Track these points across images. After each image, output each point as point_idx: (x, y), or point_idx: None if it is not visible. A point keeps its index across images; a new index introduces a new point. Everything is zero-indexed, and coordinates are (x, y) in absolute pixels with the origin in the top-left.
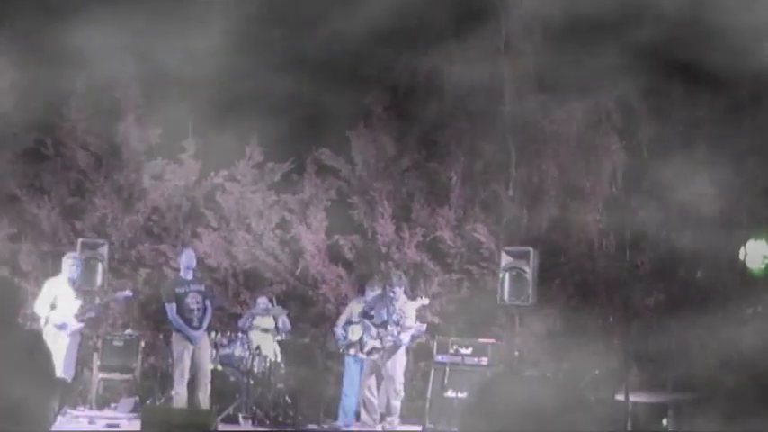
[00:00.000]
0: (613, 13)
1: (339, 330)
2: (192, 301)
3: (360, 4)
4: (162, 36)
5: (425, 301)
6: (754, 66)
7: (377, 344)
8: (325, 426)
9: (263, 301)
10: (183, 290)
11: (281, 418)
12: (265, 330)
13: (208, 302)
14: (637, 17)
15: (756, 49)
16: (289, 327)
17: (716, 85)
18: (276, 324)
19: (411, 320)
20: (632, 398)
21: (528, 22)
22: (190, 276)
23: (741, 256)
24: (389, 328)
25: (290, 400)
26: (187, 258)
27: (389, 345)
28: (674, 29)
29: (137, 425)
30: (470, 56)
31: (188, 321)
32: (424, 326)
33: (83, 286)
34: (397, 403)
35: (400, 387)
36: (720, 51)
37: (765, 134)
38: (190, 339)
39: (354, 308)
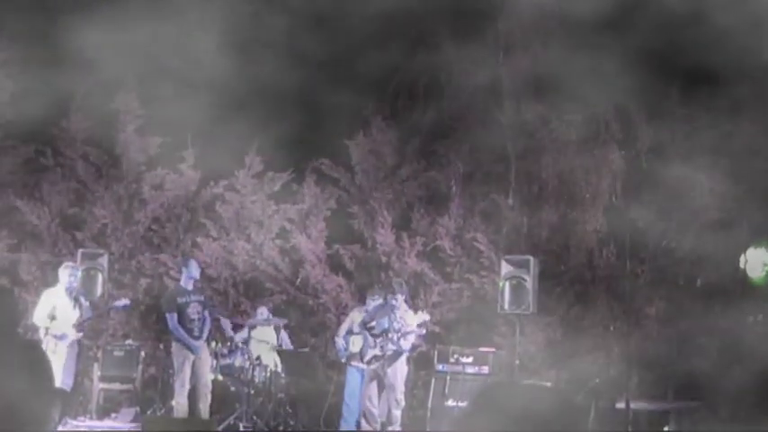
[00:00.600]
0: (612, 19)
1: (340, 341)
2: (193, 311)
3: (358, 13)
4: (161, 46)
5: (426, 316)
6: (753, 71)
7: (377, 352)
8: None
9: (262, 311)
10: (184, 300)
11: (281, 428)
12: (265, 342)
13: (206, 313)
14: (635, 22)
15: (755, 54)
16: (291, 347)
17: (715, 91)
18: (278, 338)
19: (411, 334)
20: (633, 406)
21: (526, 30)
22: (191, 286)
23: (741, 264)
24: (390, 335)
25: (290, 410)
26: (193, 268)
27: (390, 353)
28: (672, 34)
29: None
30: (469, 65)
31: (189, 331)
32: (424, 330)
33: (83, 297)
34: (397, 413)
35: (401, 396)
36: (719, 57)
37: (764, 141)
38: (190, 349)
39: (355, 317)
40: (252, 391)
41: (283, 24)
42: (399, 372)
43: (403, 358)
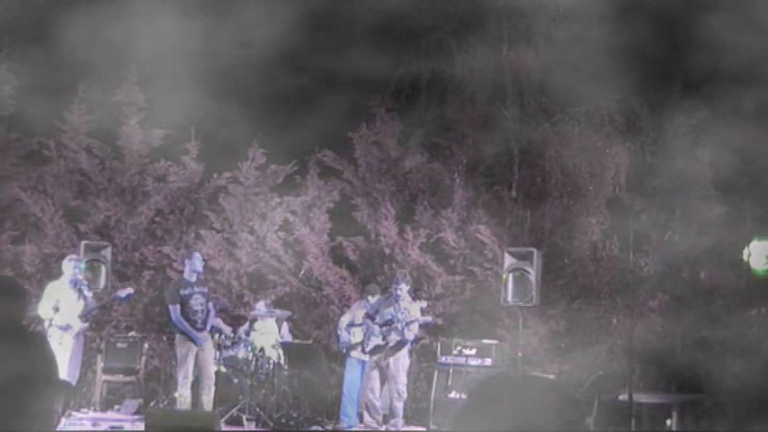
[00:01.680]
0: (617, 12)
1: (344, 334)
2: (196, 302)
3: (363, 6)
4: (165, 37)
5: (423, 303)
6: (758, 66)
7: (379, 341)
8: (329, 427)
9: (261, 305)
10: (187, 291)
11: (284, 420)
12: (268, 334)
13: (210, 304)
14: (640, 14)
15: (759, 48)
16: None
17: (719, 84)
18: (280, 331)
19: (415, 323)
20: (636, 398)
21: (530, 23)
22: (194, 278)
23: (745, 257)
24: (395, 325)
25: (293, 402)
26: (197, 261)
27: (394, 343)
28: (677, 26)
29: (140, 427)
30: (473, 58)
31: (192, 323)
32: (430, 317)
33: (85, 287)
34: (399, 405)
35: (403, 388)
36: (722, 50)
37: (767, 134)
38: (194, 341)
39: (357, 312)
40: (255, 383)
41: (288, 17)
42: (401, 363)
43: (405, 350)
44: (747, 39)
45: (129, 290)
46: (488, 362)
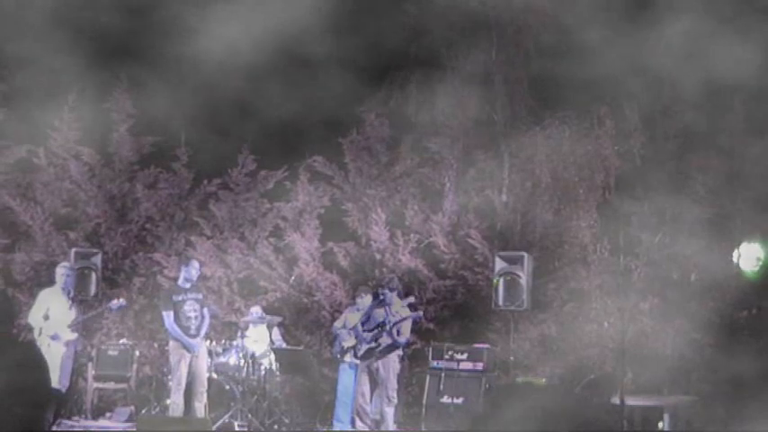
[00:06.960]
0: (603, 20)
1: (335, 343)
2: (190, 309)
3: (353, 12)
4: (157, 44)
5: (411, 298)
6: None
7: (372, 345)
8: None
9: (255, 310)
10: (180, 298)
11: (276, 426)
12: (259, 340)
13: (205, 311)
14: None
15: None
16: (283, 345)
17: (706, 87)
18: (270, 336)
19: (406, 324)
20: (628, 401)
21: (519, 27)
22: (188, 285)
23: (735, 259)
24: (386, 328)
25: (285, 408)
26: (193, 269)
27: (385, 345)
28: (665, 29)
29: None
30: (462, 61)
31: (185, 329)
32: (420, 312)
33: (77, 296)
34: (390, 410)
35: (393, 393)
36: (709, 58)
37: (756, 138)
38: (187, 348)
39: (349, 317)
40: (246, 390)
41: (277, 23)
42: (392, 368)
43: (395, 354)
44: (734, 45)
45: (122, 301)
46: (480, 366)
